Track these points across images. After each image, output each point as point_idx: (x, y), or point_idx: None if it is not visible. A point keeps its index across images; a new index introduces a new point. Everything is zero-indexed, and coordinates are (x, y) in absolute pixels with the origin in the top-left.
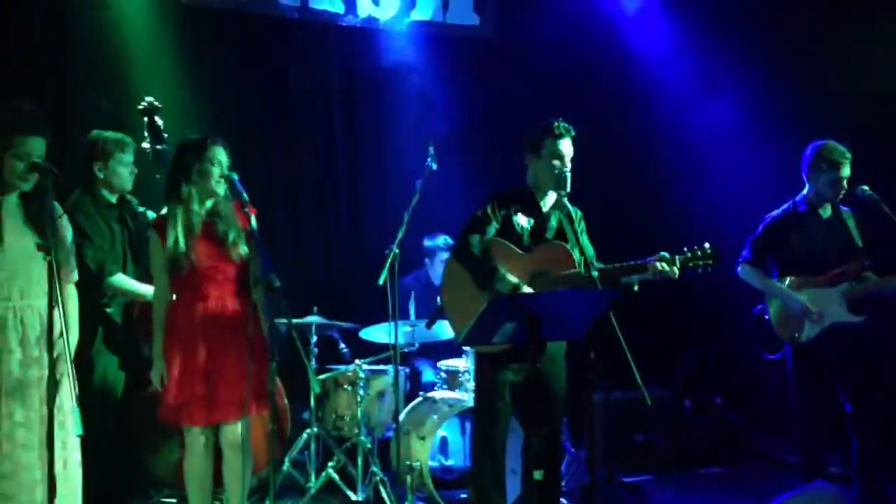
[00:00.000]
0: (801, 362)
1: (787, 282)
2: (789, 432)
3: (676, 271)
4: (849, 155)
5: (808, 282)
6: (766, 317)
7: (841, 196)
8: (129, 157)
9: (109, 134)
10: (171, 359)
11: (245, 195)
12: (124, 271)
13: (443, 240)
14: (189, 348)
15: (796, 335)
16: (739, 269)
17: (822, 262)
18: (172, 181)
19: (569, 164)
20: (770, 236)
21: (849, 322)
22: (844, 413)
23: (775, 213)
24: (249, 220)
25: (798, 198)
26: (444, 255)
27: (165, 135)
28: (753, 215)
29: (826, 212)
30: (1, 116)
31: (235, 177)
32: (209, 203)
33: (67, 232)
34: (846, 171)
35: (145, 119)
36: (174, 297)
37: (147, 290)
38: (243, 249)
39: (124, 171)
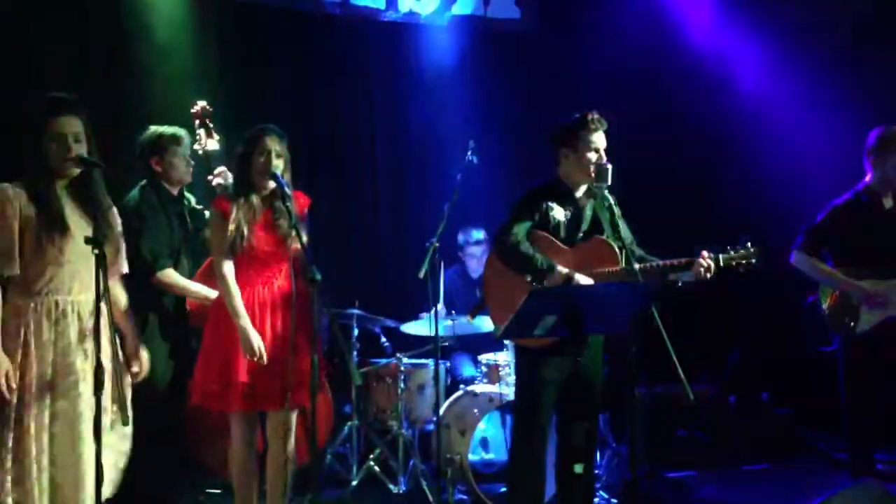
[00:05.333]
0: (855, 354)
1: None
2: (838, 428)
3: (713, 276)
4: None
5: (863, 273)
6: (820, 308)
7: None
8: (184, 150)
9: (164, 129)
10: (220, 343)
11: (287, 189)
12: (177, 267)
13: (475, 233)
14: (237, 333)
15: (852, 325)
16: (793, 256)
17: (880, 254)
18: (236, 171)
19: (605, 157)
20: (830, 226)
21: None
22: None
23: (837, 201)
24: (301, 211)
25: (859, 187)
26: (477, 249)
27: (216, 136)
28: (809, 204)
29: (888, 202)
30: (34, 106)
31: (277, 173)
32: (267, 192)
33: (117, 224)
34: None
35: (196, 122)
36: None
37: (197, 288)
38: (296, 239)
39: (181, 164)
